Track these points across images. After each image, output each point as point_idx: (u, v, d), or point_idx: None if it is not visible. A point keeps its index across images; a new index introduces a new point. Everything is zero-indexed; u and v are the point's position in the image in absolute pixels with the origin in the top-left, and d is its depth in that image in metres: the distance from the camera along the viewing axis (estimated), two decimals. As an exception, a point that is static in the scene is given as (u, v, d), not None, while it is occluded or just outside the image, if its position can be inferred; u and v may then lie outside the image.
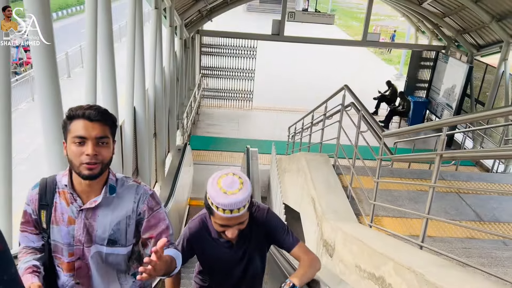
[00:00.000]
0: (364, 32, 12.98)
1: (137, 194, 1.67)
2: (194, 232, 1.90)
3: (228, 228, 1.71)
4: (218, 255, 1.91)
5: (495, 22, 10.15)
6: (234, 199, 1.61)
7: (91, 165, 1.52)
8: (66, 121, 1.56)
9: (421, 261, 2.31)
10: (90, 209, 1.61)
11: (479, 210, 4.56)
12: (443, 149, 2.61)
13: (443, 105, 12.83)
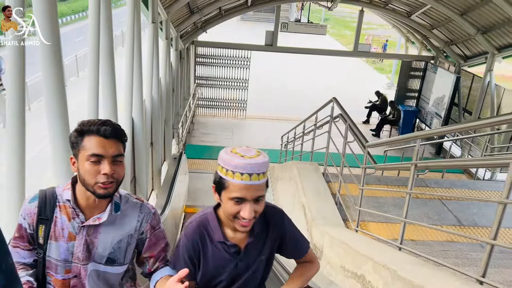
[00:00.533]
0: (356, 43, 13.36)
1: (141, 213, 1.64)
2: (192, 238, 1.60)
3: (244, 204, 1.42)
4: (222, 264, 1.60)
5: (480, 34, 10.54)
6: (254, 161, 1.38)
7: (107, 185, 1.48)
8: (77, 137, 1.48)
9: (396, 260, 2.56)
10: (92, 226, 1.56)
11: (460, 215, 4.83)
12: (417, 159, 2.87)
13: (432, 114, 13.18)
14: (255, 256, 1.61)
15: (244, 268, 1.61)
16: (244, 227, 1.46)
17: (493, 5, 9.16)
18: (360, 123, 14.64)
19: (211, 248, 1.59)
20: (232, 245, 1.57)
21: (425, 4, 10.83)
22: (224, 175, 1.41)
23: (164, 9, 8.51)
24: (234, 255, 1.58)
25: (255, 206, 1.42)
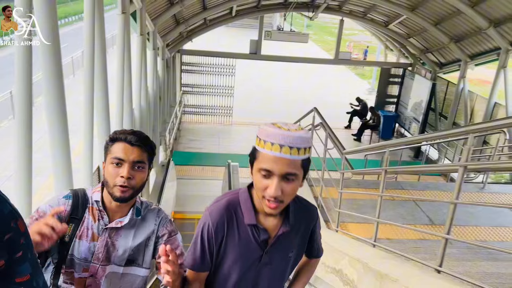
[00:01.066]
0: (336, 50, 13.85)
1: (158, 217, 1.73)
2: (217, 219, 1.43)
3: (271, 178, 1.29)
4: (244, 254, 1.44)
5: (453, 43, 11.12)
6: (288, 133, 1.26)
7: (124, 188, 1.57)
8: (108, 143, 1.63)
9: (369, 255, 2.92)
10: (114, 228, 1.66)
11: (432, 215, 5.24)
12: (387, 165, 3.24)
13: (411, 118, 13.73)
14: (283, 251, 1.48)
15: (268, 263, 1.47)
16: (271, 209, 1.32)
17: (465, 15, 9.71)
18: (342, 128, 15.15)
19: (237, 234, 1.43)
20: (263, 230, 1.42)
21: (401, 14, 11.37)
22: (257, 144, 1.31)
23: (151, 21, 8.80)
24: (262, 245, 1.43)
25: (283, 184, 1.29)
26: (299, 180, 1.31)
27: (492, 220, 5.13)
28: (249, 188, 1.46)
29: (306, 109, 6.65)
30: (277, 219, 1.44)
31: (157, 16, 9.18)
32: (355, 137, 14.06)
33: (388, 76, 15.09)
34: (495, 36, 9.50)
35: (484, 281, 2.50)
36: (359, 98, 15.36)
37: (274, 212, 1.34)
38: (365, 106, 14.88)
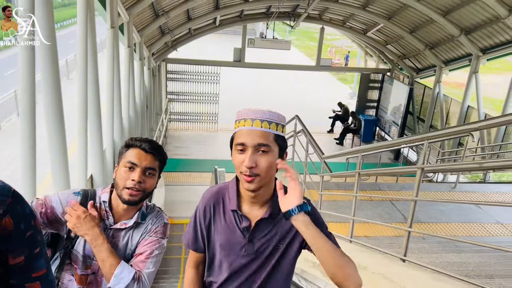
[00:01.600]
0: (318, 57, 14.28)
1: (156, 218, 1.79)
2: (207, 202, 1.56)
3: (245, 154, 1.38)
4: (230, 240, 1.51)
5: (428, 50, 11.65)
6: (259, 109, 1.39)
7: (134, 191, 1.64)
8: (123, 148, 1.71)
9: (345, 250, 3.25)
10: (118, 229, 1.72)
11: (406, 213, 5.63)
12: (360, 169, 3.60)
13: (390, 122, 14.24)
14: (269, 241, 1.48)
15: (252, 254, 1.48)
16: (247, 183, 1.38)
17: (438, 24, 10.23)
18: (325, 132, 15.58)
19: (222, 218, 1.52)
20: (243, 216, 1.48)
21: (378, 23, 11.86)
22: (234, 128, 1.43)
23: (137, 32, 9.07)
24: (244, 231, 1.48)
25: (257, 157, 1.36)
26: (273, 153, 1.38)
27: (462, 217, 5.56)
28: (237, 178, 1.52)
29: (289, 113, 6.99)
30: (261, 208, 1.48)
31: (143, 28, 9.45)
32: (338, 141, 14.50)
33: (368, 81, 15.59)
34: (466, 43, 10.04)
35: (445, 269, 2.85)
36: (341, 103, 15.83)
37: (252, 186, 1.38)
38: (346, 111, 15.34)
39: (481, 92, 10.38)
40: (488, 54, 10.01)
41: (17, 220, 1.01)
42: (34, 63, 3.29)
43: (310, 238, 1.33)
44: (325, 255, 1.33)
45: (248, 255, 1.48)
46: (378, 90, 15.24)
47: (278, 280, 1.52)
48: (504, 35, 9.21)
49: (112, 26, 6.36)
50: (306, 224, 1.32)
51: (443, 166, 5.25)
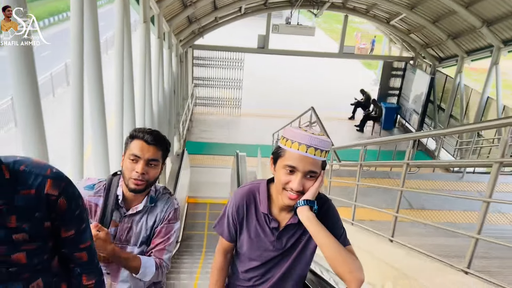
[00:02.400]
0: (341, 45, 14.51)
1: (166, 204, 1.93)
2: (240, 200, 1.67)
3: (295, 174, 1.47)
4: (260, 237, 1.65)
5: (450, 40, 11.75)
6: (315, 136, 1.44)
7: (138, 181, 1.79)
8: (128, 139, 1.83)
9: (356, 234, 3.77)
10: (132, 214, 1.89)
11: (412, 201, 6.06)
12: (362, 160, 4.06)
13: (411, 110, 14.41)
14: (293, 236, 1.62)
15: (280, 249, 1.63)
16: (291, 200, 1.50)
17: (460, 15, 10.33)
18: (346, 119, 15.89)
19: (255, 217, 1.65)
20: (273, 219, 1.61)
21: (400, 13, 11.99)
22: (283, 144, 1.48)
23: (166, 22, 9.60)
24: (273, 231, 1.62)
25: (305, 180, 1.47)
26: (319, 177, 1.50)
27: (464, 206, 5.95)
28: (268, 182, 1.65)
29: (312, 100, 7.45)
30: (290, 212, 1.60)
31: (172, 18, 9.98)
32: (358, 128, 14.80)
33: (390, 69, 15.71)
34: (488, 35, 10.12)
35: (430, 251, 3.31)
36: (363, 90, 16.02)
37: (294, 203, 1.51)
38: (368, 98, 15.55)
39: (501, 83, 10.50)
40: (509, 46, 10.08)
41: (69, 200, 1.22)
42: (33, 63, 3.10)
43: (312, 232, 1.49)
44: (326, 250, 1.46)
45: (276, 250, 1.64)
46: (400, 78, 15.36)
47: (299, 269, 1.68)
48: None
49: (144, 21, 6.91)
50: (309, 218, 1.48)
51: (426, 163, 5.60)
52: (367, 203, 5.18)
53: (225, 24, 13.46)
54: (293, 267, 1.66)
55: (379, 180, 6.58)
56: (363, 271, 1.44)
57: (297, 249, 1.62)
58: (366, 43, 29.27)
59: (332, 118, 16.05)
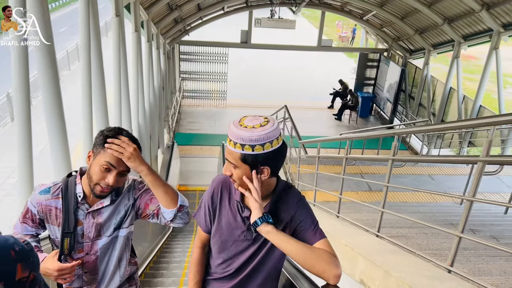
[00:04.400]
0: (319, 38, 15.41)
1: (130, 186, 1.90)
2: (216, 186, 1.73)
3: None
4: (233, 226, 1.68)
5: (417, 34, 12.74)
6: (234, 129, 1.48)
7: (105, 189, 1.74)
8: (102, 140, 1.70)
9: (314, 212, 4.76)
10: (96, 210, 1.82)
11: (371, 184, 7.10)
12: (319, 153, 5.05)
13: (385, 99, 15.46)
14: None
15: (251, 239, 1.65)
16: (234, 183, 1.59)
17: (424, 13, 11.32)
18: (326, 108, 16.90)
19: (228, 205, 1.68)
20: (246, 208, 1.63)
21: (371, 10, 12.94)
22: None
23: (154, 25, 10.40)
24: (245, 220, 1.63)
25: (231, 168, 1.54)
26: (242, 170, 1.51)
27: (417, 187, 6.98)
28: None
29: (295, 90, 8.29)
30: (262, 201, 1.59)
31: (160, 20, 10.77)
32: (336, 117, 15.82)
33: (366, 60, 16.69)
34: (448, 31, 11.14)
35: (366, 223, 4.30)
36: (342, 81, 16.98)
37: (235, 186, 1.58)
38: (346, 88, 16.55)
39: (461, 75, 11.57)
40: (469, 40, 11.11)
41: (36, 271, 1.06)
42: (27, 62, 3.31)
43: (275, 244, 1.52)
44: (294, 257, 1.49)
45: (247, 240, 1.65)
46: (375, 68, 16.36)
47: (271, 262, 1.69)
48: (481, 24, 10.32)
49: (136, 30, 7.74)
50: (268, 232, 1.50)
51: (412, 158, 6.59)
52: (333, 188, 6.20)
53: (209, 22, 14.25)
54: (265, 260, 1.67)
55: (339, 168, 7.60)
56: (339, 263, 1.47)
57: (269, 243, 1.62)
58: (347, 32, 30.18)
59: (312, 107, 17.09)
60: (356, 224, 3.97)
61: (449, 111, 12.31)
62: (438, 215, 5.30)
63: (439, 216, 5.28)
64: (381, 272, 2.36)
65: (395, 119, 14.88)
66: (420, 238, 3.82)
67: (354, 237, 3.41)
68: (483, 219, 4.90)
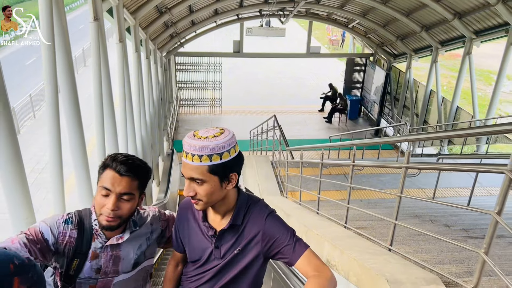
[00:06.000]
0: (308, 46, 16.22)
1: (154, 219, 1.83)
2: (181, 211, 1.72)
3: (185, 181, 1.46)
4: (201, 246, 1.65)
5: (399, 41, 13.57)
6: (195, 142, 1.42)
7: (110, 218, 1.58)
8: (101, 168, 1.60)
9: (298, 209, 5.52)
10: (115, 244, 1.69)
11: (354, 183, 7.86)
12: (302, 159, 5.82)
13: (372, 101, 16.28)
14: (229, 247, 1.59)
15: (220, 258, 1.61)
16: (196, 205, 1.52)
17: (402, 21, 12.15)
18: (317, 111, 17.70)
19: (195, 226, 1.66)
20: (210, 227, 1.61)
21: (355, 19, 13.77)
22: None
23: (151, 41, 11.17)
24: (211, 238, 1.61)
25: (195, 185, 1.45)
26: (210, 183, 1.45)
27: (395, 185, 7.77)
28: None
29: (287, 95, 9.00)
30: (223, 218, 1.60)
31: (156, 37, 11.54)
32: (326, 120, 16.61)
33: (353, 65, 17.50)
34: (426, 37, 11.97)
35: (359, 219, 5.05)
36: (331, 85, 17.78)
37: (198, 208, 1.53)
38: (335, 92, 17.35)
39: (440, 78, 12.40)
40: (446, 46, 11.93)
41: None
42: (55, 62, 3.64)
43: None
44: None
45: (216, 259, 1.61)
46: (362, 72, 17.17)
47: (243, 284, 1.64)
48: (455, 31, 11.14)
49: (136, 51, 8.52)
50: None
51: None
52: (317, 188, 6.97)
53: (202, 34, 15.04)
54: (236, 281, 1.63)
55: (338, 169, 8.37)
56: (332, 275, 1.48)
57: (239, 263, 1.60)
58: (337, 35, 31.02)
59: (304, 111, 17.89)
60: (331, 219, 4.74)
61: (430, 112, 13.13)
62: (408, 209, 6.07)
63: (408, 209, 6.06)
64: (338, 251, 3.13)
65: (382, 120, 15.70)
66: (384, 228, 4.58)
67: (325, 228, 4.17)
68: (446, 211, 5.69)
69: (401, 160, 9.91)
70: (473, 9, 9.74)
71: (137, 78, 8.69)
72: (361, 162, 8.54)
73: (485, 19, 9.85)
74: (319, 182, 5.13)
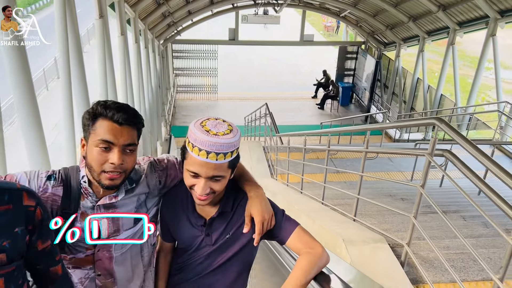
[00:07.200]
0: (301, 34, 16.68)
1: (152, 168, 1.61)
2: (167, 198, 1.65)
3: (199, 179, 1.40)
4: (191, 234, 1.61)
5: (389, 30, 14.08)
6: (216, 140, 1.33)
7: (114, 175, 1.40)
8: (88, 119, 1.38)
9: (285, 190, 6.14)
10: (109, 203, 1.50)
11: (339, 167, 8.50)
12: (289, 145, 6.42)
13: (363, 88, 16.84)
14: (220, 233, 1.58)
15: (211, 244, 1.60)
16: (200, 201, 1.46)
17: (392, 12, 12.65)
18: (310, 98, 18.25)
19: (183, 217, 1.62)
20: (198, 217, 1.59)
21: (346, 9, 14.24)
22: (186, 145, 1.39)
23: (149, 30, 11.64)
24: (201, 228, 1.59)
25: (211, 183, 1.41)
26: (226, 178, 1.44)
27: (376, 168, 8.41)
28: None
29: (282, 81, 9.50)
30: (213, 207, 1.57)
31: (154, 26, 12.01)
32: (319, 106, 17.18)
33: (345, 53, 17.98)
34: (413, 27, 12.49)
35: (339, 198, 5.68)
36: (325, 72, 18.28)
37: (204, 203, 1.47)
38: (328, 79, 17.87)
39: (426, 67, 12.96)
40: (432, 36, 12.46)
41: (44, 209, 1.18)
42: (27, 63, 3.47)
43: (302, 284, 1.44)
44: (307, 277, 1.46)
45: (208, 245, 1.60)
46: (354, 60, 17.68)
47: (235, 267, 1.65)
48: (440, 22, 11.68)
49: (136, 42, 9.02)
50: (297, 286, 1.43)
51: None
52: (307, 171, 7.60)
53: (199, 23, 15.49)
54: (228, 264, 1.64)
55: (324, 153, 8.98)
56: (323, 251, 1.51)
57: (230, 248, 1.61)
58: (332, 21, 31.33)
59: (298, 97, 18.45)
60: (312, 197, 5.38)
61: (417, 99, 13.72)
62: (386, 189, 6.72)
63: (386, 190, 6.70)
64: (311, 221, 3.75)
65: (372, 106, 16.29)
66: (359, 205, 5.23)
67: (305, 204, 4.81)
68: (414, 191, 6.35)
69: (386, 145, 10.61)
70: (456, 2, 10.25)
71: (137, 68, 9.21)
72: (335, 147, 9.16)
73: (467, 11, 10.38)
74: (302, 165, 5.74)
